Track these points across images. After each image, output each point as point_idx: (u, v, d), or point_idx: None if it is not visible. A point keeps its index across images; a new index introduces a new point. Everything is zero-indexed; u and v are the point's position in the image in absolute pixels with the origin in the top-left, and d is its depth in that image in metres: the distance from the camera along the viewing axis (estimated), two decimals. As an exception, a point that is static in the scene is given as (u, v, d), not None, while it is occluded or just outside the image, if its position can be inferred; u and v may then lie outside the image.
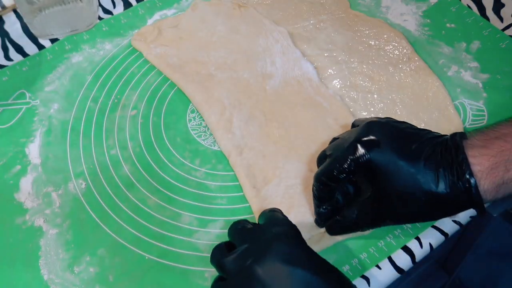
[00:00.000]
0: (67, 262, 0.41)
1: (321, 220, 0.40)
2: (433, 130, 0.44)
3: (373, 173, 0.36)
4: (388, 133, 0.37)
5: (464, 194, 0.33)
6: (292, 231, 0.35)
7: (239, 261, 0.32)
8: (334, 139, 0.42)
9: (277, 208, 0.39)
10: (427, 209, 0.35)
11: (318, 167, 0.40)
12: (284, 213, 0.41)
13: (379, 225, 0.39)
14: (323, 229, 0.41)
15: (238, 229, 0.36)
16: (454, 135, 0.36)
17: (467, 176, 0.33)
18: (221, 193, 0.45)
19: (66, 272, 0.40)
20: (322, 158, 0.40)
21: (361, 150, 0.36)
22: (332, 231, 0.40)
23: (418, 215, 0.37)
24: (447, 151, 0.34)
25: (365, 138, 0.37)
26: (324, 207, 0.40)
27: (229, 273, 0.33)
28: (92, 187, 0.46)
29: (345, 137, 0.40)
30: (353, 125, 0.44)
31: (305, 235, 0.40)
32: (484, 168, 0.33)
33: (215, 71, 0.54)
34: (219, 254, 0.34)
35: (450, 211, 0.36)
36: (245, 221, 0.37)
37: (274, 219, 0.36)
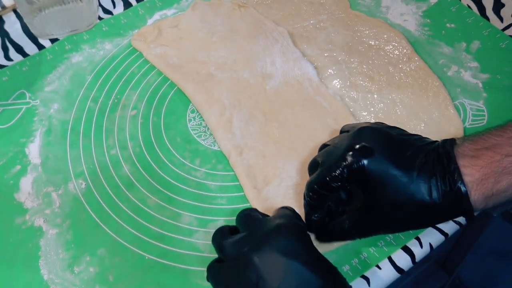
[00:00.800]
0: (67, 262, 0.41)
1: (312, 228, 0.39)
2: (433, 130, 0.44)
3: (366, 181, 0.36)
4: (381, 140, 0.36)
5: (456, 204, 0.33)
6: (295, 225, 0.35)
7: (238, 246, 0.33)
8: (324, 145, 0.41)
9: (290, 207, 0.38)
10: (419, 218, 0.35)
11: (309, 175, 0.39)
12: None
13: (370, 234, 0.38)
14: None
15: (245, 215, 0.36)
16: (444, 142, 0.36)
17: (459, 185, 0.33)
18: (221, 193, 0.45)
19: (66, 272, 0.40)
20: (313, 166, 0.39)
21: (354, 158, 0.35)
22: (321, 239, 0.40)
23: (409, 224, 0.37)
24: (439, 161, 0.34)
25: (359, 146, 0.36)
26: (316, 215, 0.39)
27: (227, 256, 0.33)
28: (92, 187, 0.46)
29: (336, 143, 0.39)
30: (342, 131, 0.43)
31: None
32: (475, 179, 0.33)
33: (215, 71, 0.54)
34: (220, 236, 0.35)
35: (440, 220, 0.36)
36: (254, 209, 0.37)
37: (283, 213, 0.36)
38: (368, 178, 0.35)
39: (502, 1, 0.59)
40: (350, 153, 0.36)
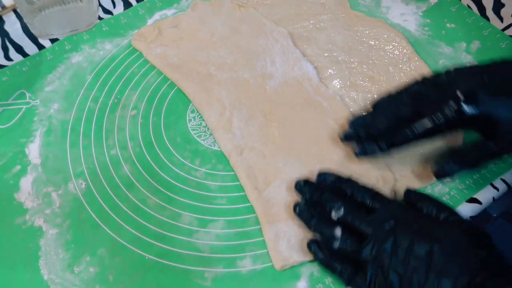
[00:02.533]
0: (67, 262, 0.41)
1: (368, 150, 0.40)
2: None
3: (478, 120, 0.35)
4: (481, 80, 0.36)
5: None
6: None
7: None
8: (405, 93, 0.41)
9: None
10: None
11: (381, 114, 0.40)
12: (288, 215, 0.41)
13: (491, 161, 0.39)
14: None
15: None
16: None
17: None
18: (221, 193, 0.45)
19: (66, 272, 0.40)
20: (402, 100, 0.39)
21: (460, 107, 0.35)
22: (449, 170, 0.40)
23: None
24: None
25: (459, 92, 0.35)
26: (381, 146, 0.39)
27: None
28: (92, 187, 0.46)
29: (428, 86, 0.38)
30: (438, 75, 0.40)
31: (309, 234, 0.40)
32: None
33: (215, 71, 0.54)
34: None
35: None
36: None
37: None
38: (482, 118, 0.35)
39: (502, 1, 0.59)
40: (452, 102, 0.35)
